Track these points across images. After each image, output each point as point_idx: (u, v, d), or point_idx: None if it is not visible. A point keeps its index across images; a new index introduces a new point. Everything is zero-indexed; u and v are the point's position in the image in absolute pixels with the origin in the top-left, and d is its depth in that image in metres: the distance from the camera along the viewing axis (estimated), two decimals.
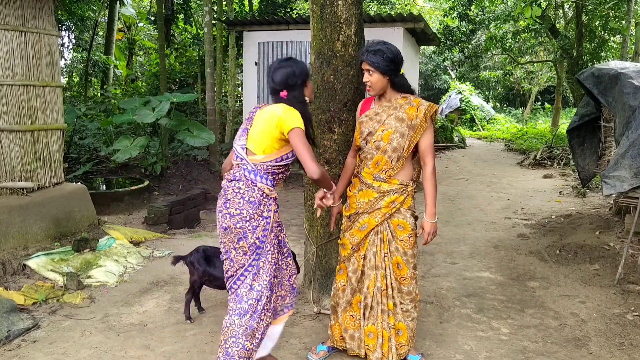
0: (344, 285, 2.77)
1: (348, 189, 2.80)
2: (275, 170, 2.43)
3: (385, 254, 2.65)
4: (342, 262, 2.79)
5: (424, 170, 2.62)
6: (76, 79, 16.62)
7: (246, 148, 2.43)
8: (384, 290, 2.67)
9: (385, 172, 2.61)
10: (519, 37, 16.35)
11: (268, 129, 2.37)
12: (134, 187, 6.80)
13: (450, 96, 21.99)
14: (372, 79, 2.57)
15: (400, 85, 2.63)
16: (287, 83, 2.42)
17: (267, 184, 2.39)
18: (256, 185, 2.37)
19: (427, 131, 2.59)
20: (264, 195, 2.39)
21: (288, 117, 2.32)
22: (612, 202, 6.04)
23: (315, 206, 2.62)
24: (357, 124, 2.73)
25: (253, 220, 2.36)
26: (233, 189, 2.39)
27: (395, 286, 2.68)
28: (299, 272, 3.46)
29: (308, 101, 2.52)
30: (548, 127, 18.13)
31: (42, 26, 4.56)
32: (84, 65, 14.96)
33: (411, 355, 2.79)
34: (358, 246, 2.69)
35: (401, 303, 2.69)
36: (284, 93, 2.43)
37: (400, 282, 2.67)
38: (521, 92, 27.58)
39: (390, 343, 2.68)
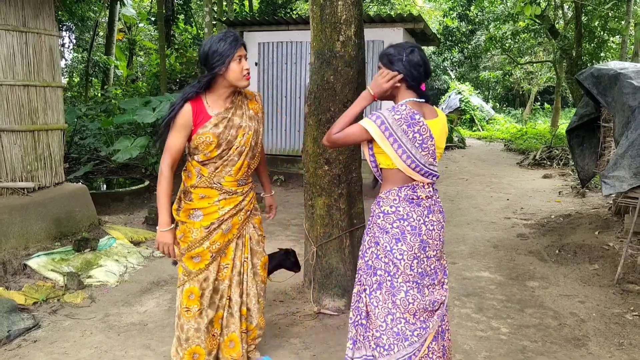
0: (200, 309, 2.42)
1: (199, 202, 2.40)
2: None
3: (245, 259, 2.53)
4: (189, 285, 2.40)
5: (262, 157, 2.67)
6: (77, 79, 16.64)
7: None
8: (243, 295, 2.56)
9: (246, 174, 2.50)
10: (518, 37, 16.38)
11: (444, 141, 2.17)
12: (134, 187, 6.81)
13: (449, 96, 22.01)
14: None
15: None
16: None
17: None
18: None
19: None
20: None
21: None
22: (611, 202, 6.05)
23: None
24: (201, 135, 2.30)
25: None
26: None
27: (254, 291, 2.59)
28: (299, 271, 3.48)
29: None
30: (547, 127, 18.14)
31: (42, 26, 4.57)
32: (84, 66, 14.98)
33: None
34: (219, 253, 2.45)
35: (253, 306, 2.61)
36: (422, 86, 2.13)
37: (262, 282, 2.62)
38: (521, 93, 27.61)
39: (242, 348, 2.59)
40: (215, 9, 10.16)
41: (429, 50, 22.91)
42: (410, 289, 2.06)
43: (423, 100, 2.13)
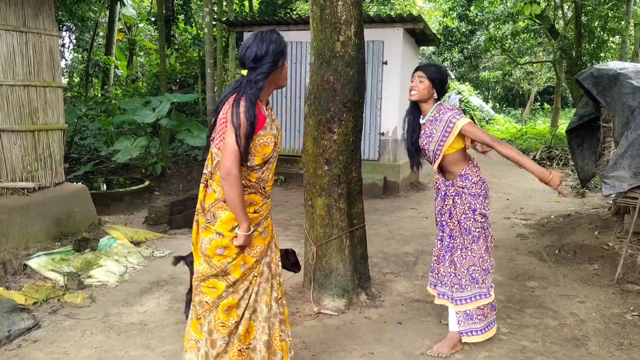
0: (236, 322, 2.31)
1: (252, 209, 2.30)
2: None
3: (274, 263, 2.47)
4: (229, 298, 2.28)
5: None
6: (77, 80, 16.64)
7: None
8: (280, 298, 2.46)
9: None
10: (518, 37, 16.39)
11: None
12: (134, 187, 6.82)
13: (449, 96, 21.95)
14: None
15: None
16: None
17: None
18: None
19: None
20: None
21: None
22: (611, 202, 6.05)
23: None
24: (262, 137, 2.20)
25: None
26: None
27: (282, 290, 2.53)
28: (299, 271, 3.49)
29: None
30: (547, 128, 18.15)
31: (42, 26, 4.57)
32: (84, 66, 14.97)
33: None
34: (261, 258, 2.37)
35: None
36: None
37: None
38: (520, 93, 27.60)
39: (289, 354, 2.48)
40: (215, 9, 10.16)
41: (429, 50, 22.94)
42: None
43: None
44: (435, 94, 2.93)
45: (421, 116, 2.99)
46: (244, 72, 2.20)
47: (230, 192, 2.13)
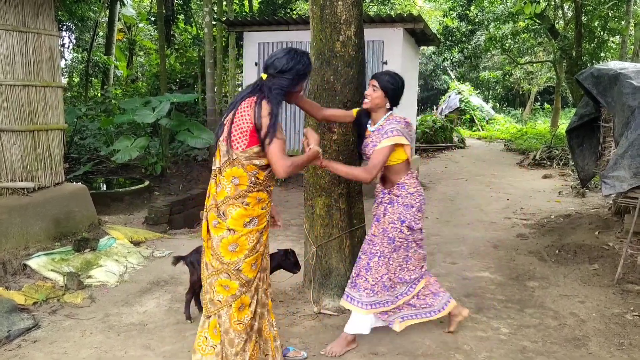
0: (251, 318, 2.40)
1: (260, 207, 2.38)
2: None
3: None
4: (242, 294, 2.34)
5: None
6: (77, 79, 16.63)
7: None
8: (267, 289, 2.54)
9: None
10: (518, 37, 16.38)
11: None
12: (134, 187, 6.82)
13: (449, 96, 22.01)
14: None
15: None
16: None
17: None
18: None
19: None
20: None
21: None
22: (611, 202, 6.05)
23: None
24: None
25: None
26: None
27: None
28: (298, 271, 3.48)
29: None
30: (547, 128, 18.14)
31: (42, 26, 4.57)
32: (84, 66, 14.97)
33: None
34: (265, 252, 2.50)
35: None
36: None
37: None
38: (520, 93, 27.61)
39: (275, 343, 2.59)
40: (215, 9, 10.16)
41: (429, 50, 22.94)
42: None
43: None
44: (388, 104, 2.89)
45: (370, 123, 2.99)
46: (264, 76, 2.34)
47: (297, 170, 2.34)
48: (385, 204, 2.96)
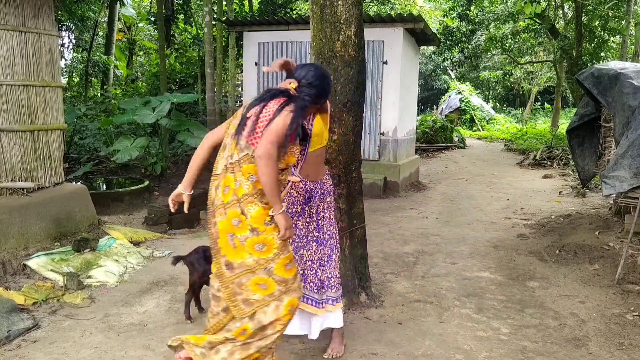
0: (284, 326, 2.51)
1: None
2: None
3: None
4: (290, 296, 2.35)
5: None
6: (76, 79, 16.63)
7: None
8: None
9: None
10: (518, 37, 16.38)
11: None
12: (134, 187, 6.81)
13: (450, 96, 22.01)
14: None
15: None
16: None
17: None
18: None
19: None
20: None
21: None
22: (611, 202, 6.04)
23: None
24: (292, 148, 2.35)
25: None
26: None
27: None
28: None
29: None
30: (548, 127, 18.14)
31: (42, 26, 4.57)
32: (84, 66, 14.98)
33: None
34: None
35: None
36: None
37: None
38: (521, 93, 27.60)
39: None
40: (215, 8, 10.15)
41: (429, 50, 22.93)
42: None
43: None
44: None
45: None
46: (293, 85, 2.38)
47: (269, 177, 2.21)
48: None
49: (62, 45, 15.81)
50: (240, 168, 2.26)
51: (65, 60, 16.77)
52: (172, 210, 2.60)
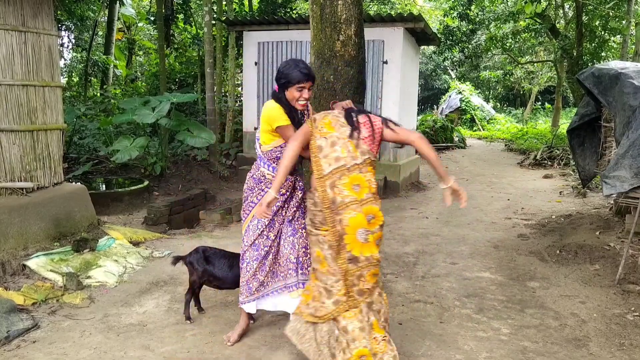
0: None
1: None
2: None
3: None
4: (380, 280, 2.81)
5: None
6: (76, 79, 16.62)
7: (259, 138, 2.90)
8: None
9: None
10: (519, 37, 16.37)
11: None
12: (133, 187, 6.80)
13: (450, 96, 21.99)
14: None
15: None
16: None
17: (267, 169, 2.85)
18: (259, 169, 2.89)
19: None
20: (264, 176, 2.86)
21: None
22: (612, 202, 6.04)
23: None
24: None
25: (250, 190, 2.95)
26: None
27: None
28: None
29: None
30: (548, 127, 18.14)
31: (41, 26, 4.56)
32: (83, 65, 14.97)
33: None
34: None
35: None
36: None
37: None
38: (521, 92, 27.59)
39: None
40: (214, 8, 10.14)
41: (429, 49, 22.92)
42: None
43: None
44: None
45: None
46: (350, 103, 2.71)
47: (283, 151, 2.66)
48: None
49: (62, 45, 15.80)
50: (366, 168, 2.46)
51: (65, 60, 16.77)
52: (268, 216, 2.64)
